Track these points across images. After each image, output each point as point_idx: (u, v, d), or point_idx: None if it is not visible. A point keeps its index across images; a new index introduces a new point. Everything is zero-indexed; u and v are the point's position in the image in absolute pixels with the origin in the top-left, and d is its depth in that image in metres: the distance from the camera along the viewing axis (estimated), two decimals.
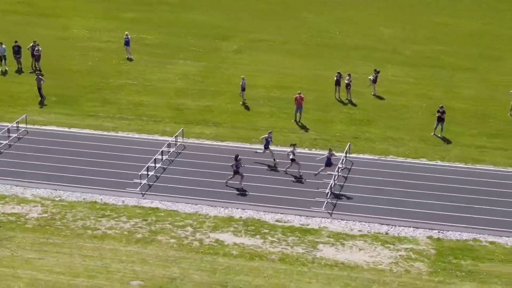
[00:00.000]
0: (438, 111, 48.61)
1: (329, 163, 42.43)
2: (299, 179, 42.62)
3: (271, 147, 44.72)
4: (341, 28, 72.47)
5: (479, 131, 49.97)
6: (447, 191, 41.71)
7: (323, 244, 36.62)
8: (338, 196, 40.98)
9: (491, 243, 36.99)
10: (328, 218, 38.96)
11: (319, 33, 70.73)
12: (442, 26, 73.72)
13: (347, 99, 54.42)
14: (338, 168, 42.99)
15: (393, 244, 36.70)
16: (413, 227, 38.17)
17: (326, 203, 40.13)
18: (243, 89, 53.39)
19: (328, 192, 40.53)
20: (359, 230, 37.92)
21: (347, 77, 54.13)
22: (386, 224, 38.41)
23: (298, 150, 44.16)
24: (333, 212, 39.51)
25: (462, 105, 54.05)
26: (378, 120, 51.35)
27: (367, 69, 59.62)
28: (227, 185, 41.56)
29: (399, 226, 38.29)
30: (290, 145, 43.81)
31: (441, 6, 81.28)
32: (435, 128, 48.92)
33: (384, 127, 50.23)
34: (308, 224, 38.38)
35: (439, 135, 48.72)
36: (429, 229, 38.08)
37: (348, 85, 54.07)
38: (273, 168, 43.99)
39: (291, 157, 43.01)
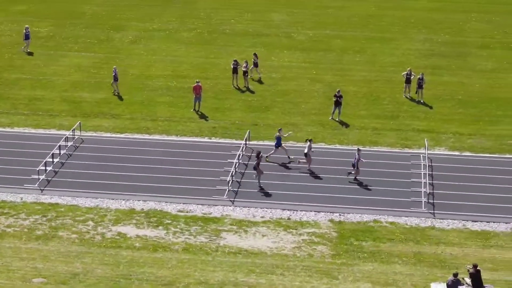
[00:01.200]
0: (335, 95, 49.23)
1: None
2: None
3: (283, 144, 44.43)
4: (232, 14, 72.46)
5: (374, 112, 50.83)
6: (347, 174, 42.31)
7: (226, 232, 36.73)
8: (239, 184, 41.15)
9: (391, 223, 37.78)
10: (230, 206, 39.11)
11: (212, 20, 70.63)
12: (332, 10, 74.50)
13: (244, 86, 54.58)
14: (239, 155, 43.14)
15: (296, 229, 37.09)
16: (314, 211, 38.64)
17: (228, 191, 40.24)
18: (116, 79, 52.61)
19: (230, 180, 40.63)
20: (262, 217, 38.19)
21: (244, 65, 54.27)
22: (288, 210, 38.79)
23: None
24: (235, 200, 39.66)
25: (355, 88, 54.83)
26: (276, 106, 51.70)
27: (260, 55, 60.03)
28: (258, 181, 41.04)
29: (300, 211, 38.72)
30: (306, 141, 43.29)
31: None
32: (333, 112, 49.54)
33: (282, 113, 50.61)
34: (210, 213, 38.43)
35: (336, 119, 49.38)
36: (330, 212, 38.61)
37: (245, 73, 54.23)
38: (287, 164, 43.50)
39: (305, 151, 42.58)
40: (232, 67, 54.59)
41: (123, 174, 41.70)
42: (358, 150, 41.83)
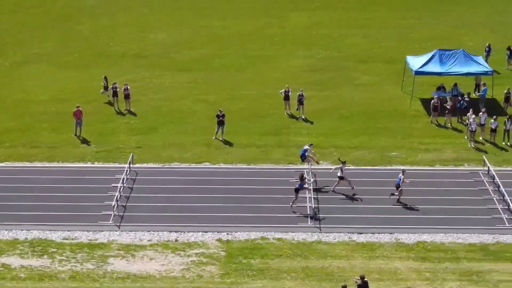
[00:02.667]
0: (218, 115, 49.33)
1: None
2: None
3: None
4: (113, 36, 71.87)
5: (258, 130, 51.15)
6: (233, 193, 42.44)
7: (113, 258, 36.28)
8: (125, 208, 40.72)
9: (279, 239, 38.03)
10: (116, 231, 38.65)
11: (92, 43, 69.88)
12: (212, 29, 74.79)
13: (126, 109, 54.10)
14: (123, 179, 42.70)
15: (184, 251, 36.94)
16: (202, 232, 38.57)
17: (114, 216, 39.76)
18: None
19: (115, 205, 40.16)
20: (149, 240, 37.88)
21: (125, 87, 53.85)
22: (175, 231, 38.59)
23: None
24: (121, 224, 39.22)
25: (238, 106, 55.10)
26: (159, 128, 51.45)
27: (143, 75, 59.83)
28: (291, 205, 40.79)
29: (188, 232, 38.57)
30: (339, 161, 43.19)
31: (208, 8, 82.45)
32: (216, 132, 49.62)
33: (166, 134, 50.40)
34: (96, 239, 37.89)
35: (220, 138, 49.47)
36: (218, 232, 38.62)
37: (127, 96, 53.79)
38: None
39: (338, 174, 42.23)
40: (112, 90, 54.06)
41: (4, 204, 40.69)
42: (403, 171, 41.74)
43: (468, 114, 49.25)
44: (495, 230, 39.08)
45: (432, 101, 51.93)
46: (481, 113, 49.63)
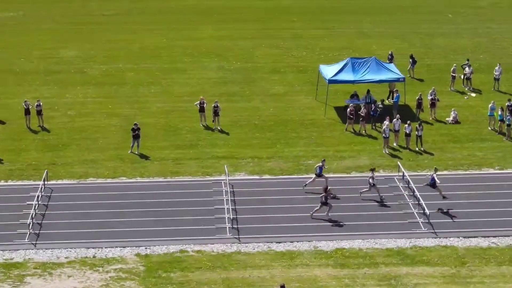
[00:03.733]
0: (133, 129, 48.93)
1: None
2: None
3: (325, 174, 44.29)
4: (21, 52, 70.63)
5: (173, 143, 50.91)
6: (150, 207, 42.13)
7: (30, 277, 35.60)
8: (41, 226, 40.00)
9: (198, 252, 37.87)
10: (32, 249, 37.93)
11: (1, 58, 68.58)
12: (124, 43, 74.26)
13: (39, 125, 53.21)
14: (38, 196, 41.94)
15: (102, 267, 36.46)
16: (120, 247, 38.15)
17: (29, 234, 39.02)
18: None
19: (30, 223, 39.42)
20: (66, 257, 37.28)
21: (37, 103, 52.97)
22: (93, 248, 38.08)
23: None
24: (37, 242, 38.51)
25: (152, 119, 54.75)
26: (73, 144, 50.74)
27: (56, 91, 58.98)
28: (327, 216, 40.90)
29: (106, 247, 38.10)
30: (370, 170, 43.32)
31: (119, 23, 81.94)
32: (132, 145, 49.20)
33: (80, 150, 49.73)
34: (12, 258, 37.13)
35: (136, 152, 49.04)
36: (136, 246, 38.26)
37: (39, 112, 52.91)
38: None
39: (370, 181, 42.46)
40: (24, 108, 53.10)
41: None
42: (435, 170, 43.20)
43: (385, 121, 49.88)
44: (411, 235, 39.67)
45: (348, 109, 52.50)
46: (395, 119, 50.39)
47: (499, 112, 51.86)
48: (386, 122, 49.68)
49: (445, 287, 35.20)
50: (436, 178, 42.48)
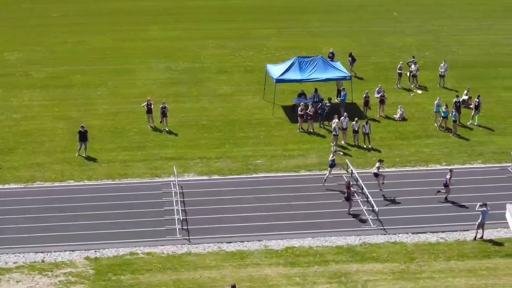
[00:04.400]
0: (80, 131, 48.48)
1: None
2: None
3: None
4: None
5: (121, 145, 50.57)
6: (99, 210, 41.77)
7: None
8: None
9: (148, 254, 37.65)
10: None
11: None
12: (69, 45, 73.64)
13: None
14: None
15: (51, 271, 36.06)
16: (69, 251, 37.76)
17: None
18: None
19: None
20: (14, 262, 36.80)
21: None
22: (42, 252, 37.63)
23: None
24: None
25: (100, 121, 54.35)
26: (19, 148, 50.11)
27: (1, 95, 58.23)
28: (349, 213, 41.37)
29: (54, 251, 37.69)
30: (378, 161, 44.24)
31: (66, 25, 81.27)
32: (79, 148, 48.75)
33: (27, 154, 49.13)
34: None
35: (83, 155, 48.61)
36: (85, 250, 37.91)
37: None
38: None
39: (375, 171, 43.60)
40: None
41: None
42: (450, 170, 42.81)
43: (334, 119, 50.10)
44: (361, 232, 39.90)
45: (299, 108, 52.64)
46: (342, 117, 50.64)
47: (443, 109, 52.43)
48: (336, 120, 49.92)
49: (395, 283, 35.45)
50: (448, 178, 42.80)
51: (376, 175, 43.70)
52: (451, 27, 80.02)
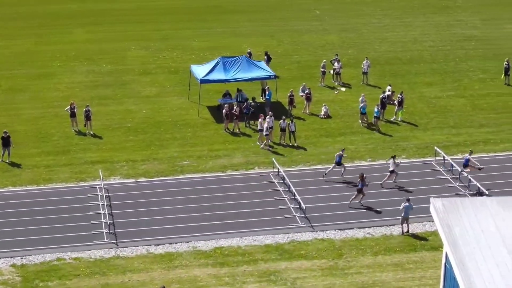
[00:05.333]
0: (2, 137, 47.74)
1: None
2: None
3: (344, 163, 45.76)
4: None
5: (45, 149, 49.87)
6: (25, 216, 41.15)
7: None
8: None
9: (75, 259, 37.21)
10: None
11: None
12: None
13: None
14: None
15: None
16: None
17: None
18: None
19: None
20: None
21: None
22: None
23: None
24: None
25: (23, 127, 53.53)
26: None
27: None
28: (360, 204, 42.12)
29: None
30: (390, 157, 45.15)
31: None
32: (2, 154, 47.94)
33: None
34: None
35: (7, 161, 47.78)
36: (11, 257, 37.30)
37: None
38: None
39: (390, 169, 44.30)
40: None
41: None
42: (471, 152, 45.50)
43: (260, 119, 50.23)
44: (288, 229, 40.07)
45: (224, 110, 52.59)
46: (267, 116, 50.79)
47: (375, 109, 52.77)
48: (261, 120, 50.08)
49: (324, 280, 35.71)
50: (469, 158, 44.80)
51: (392, 171, 44.41)
52: (373, 25, 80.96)
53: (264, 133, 49.78)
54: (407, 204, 39.35)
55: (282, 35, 76.46)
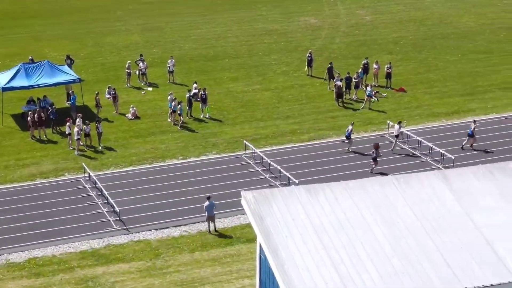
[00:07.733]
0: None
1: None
2: None
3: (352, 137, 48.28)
4: None
5: None
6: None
7: None
8: None
9: None
10: None
11: None
12: None
13: None
14: None
15: None
16: None
17: None
18: None
19: None
20: None
21: None
22: None
23: None
24: None
25: None
26: None
27: None
28: (372, 172, 44.66)
29: None
30: (398, 122, 48.28)
31: None
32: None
33: None
34: None
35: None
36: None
37: None
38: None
39: (395, 133, 47.94)
40: None
41: None
42: (474, 121, 48.28)
43: (68, 123, 49.27)
44: (104, 234, 39.61)
45: (29, 118, 51.10)
46: (78, 119, 49.86)
47: (179, 107, 52.95)
48: (69, 124, 49.23)
49: (143, 281, 35.55)
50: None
51: (397, 136, 48.07)
52: (176, 23, 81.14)
53: (76, 137, 48.88)
54: (207, 203, 39.51)
55: (84, 38, 75.33)
